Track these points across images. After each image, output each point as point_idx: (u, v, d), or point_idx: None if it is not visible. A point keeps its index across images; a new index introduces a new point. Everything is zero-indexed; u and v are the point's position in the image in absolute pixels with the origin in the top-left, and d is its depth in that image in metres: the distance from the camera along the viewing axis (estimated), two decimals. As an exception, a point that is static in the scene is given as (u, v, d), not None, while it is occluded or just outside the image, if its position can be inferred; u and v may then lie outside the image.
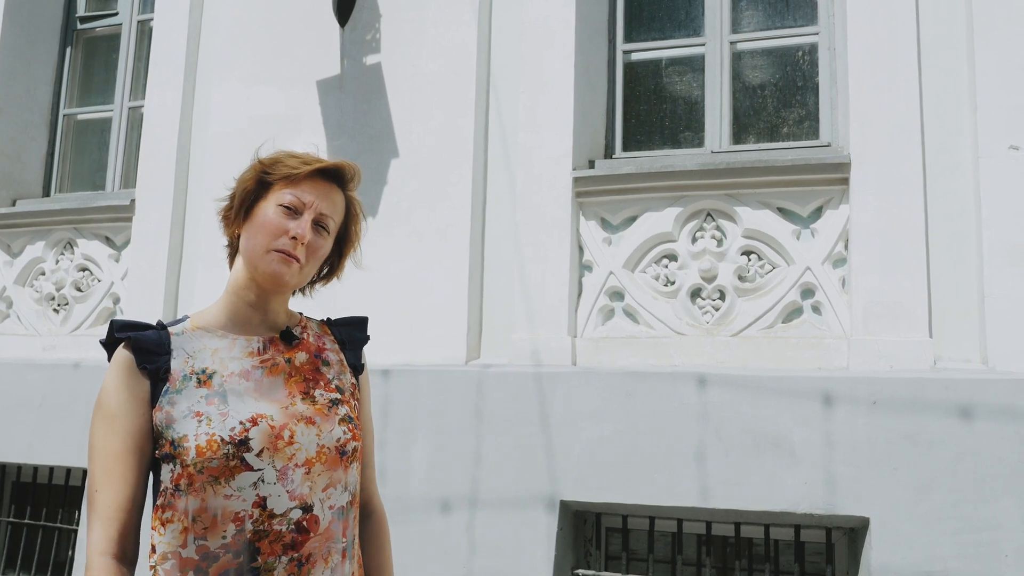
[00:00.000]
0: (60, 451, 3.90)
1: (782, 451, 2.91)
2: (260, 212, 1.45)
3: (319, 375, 1.50)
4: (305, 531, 1.37)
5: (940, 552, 2.70)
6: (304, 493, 1.37)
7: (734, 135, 3.53)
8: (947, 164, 3.04)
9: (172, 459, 1.34)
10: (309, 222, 1.43)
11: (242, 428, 1.34)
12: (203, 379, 1.39)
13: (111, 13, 4.78)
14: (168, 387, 1.37)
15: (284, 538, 1.34)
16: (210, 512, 1.32)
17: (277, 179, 1.44)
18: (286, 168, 1.44)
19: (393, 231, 3.62)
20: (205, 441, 1.32)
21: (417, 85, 3.69)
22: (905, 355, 2.93)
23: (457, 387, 3.32)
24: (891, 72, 3.10)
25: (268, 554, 1.33)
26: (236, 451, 1.32)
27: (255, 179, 1.46)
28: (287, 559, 1.34)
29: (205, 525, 1.32)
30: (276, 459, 1.35)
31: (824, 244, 3.16)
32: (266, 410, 1.39)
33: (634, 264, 3.39)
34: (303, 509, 1.37)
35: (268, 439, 1.35)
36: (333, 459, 1.42)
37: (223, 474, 1.32)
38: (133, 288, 4.09)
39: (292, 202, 1.43)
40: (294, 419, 1.40)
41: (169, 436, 1.34)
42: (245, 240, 1.46)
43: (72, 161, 4.81)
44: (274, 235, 1.42)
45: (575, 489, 3.11)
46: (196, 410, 1.35)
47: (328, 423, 1.44)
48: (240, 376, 1.42)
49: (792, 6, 3.56)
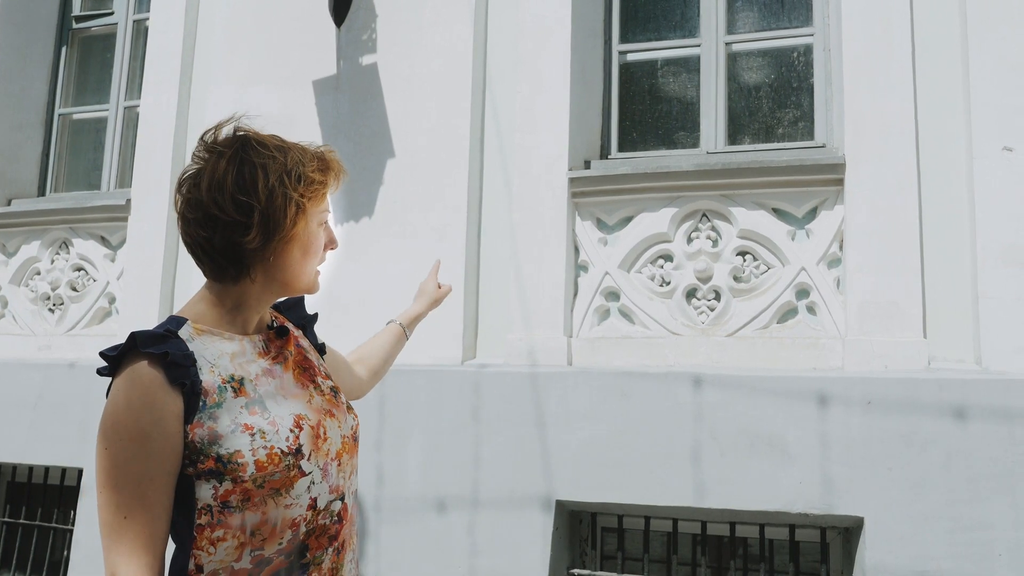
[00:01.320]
0: (55, 451, 3.90)
1: (777, 451, 2.92)
2: (303, 234, 1.37)
3: (309, 363, 1.49)
4: (340, 520, 1.39)
5: (934, 551, 2.71)
6: (340, 484, 1.39)
7: (729, 136, 3.54)
8: (941, 165, 3.05)
9: (218, 475, 1.26)
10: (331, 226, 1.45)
11: (294, 436, 1.32)
12: (237, 387, 1.32)
13: (107, 12, 4.77)
14: (205, 401, 1.27)
15: (329, 531, 1.36)
16: (270, 524, 1.29)
17: (311, 199, 1.38)
18: (319, 187, 1.39)
19: (389, 231, 3.62)
20: (265, 456, 1.27)
21: (413, 85, 3.69)
22: (899, 355, 2.94)
23: (453, 387, 3.32)
24: (886, 73, 3.11)
25: (316, 548, 1.34)
26: (295, 460, 1.30)
27: (295, 203, 1.34)
28: (331, 550, 1.37)
29: (264, 537, 1.29)
30: (319, 458, 1.35)
31: (819, 245, 3.17)
32: (300, 410, 1.37)
33: (630, 264, 3.39)
34: (340, 499, 1.39)
35: (312, 440, 1.35)
36: (352, 447, 1.45)
37: (284, 485, 1.29)
38: (129, 288, 4.09)
39: (327, 217, 1.43)
40: (321, 414, 1.40)
41: (214, 452, 1.26)
42: (283, 260, 1.37)
43: (68, 160, 4.81)
44: (320, 252, 1.43)
45: (571, 489, 3.12)
46: (243, 423, 1.29)
47: (341, 413, 1.45)
48: (265, 376, 1.37)
49: (787, 7, 3.57)
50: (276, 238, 1.33)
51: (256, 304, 1.40)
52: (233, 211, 1.29)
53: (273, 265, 1.36)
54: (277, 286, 1.39)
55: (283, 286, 1.40)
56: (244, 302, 1.39)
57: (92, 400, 3.80)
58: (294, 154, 1.37)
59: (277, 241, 1.33)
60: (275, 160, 1.34)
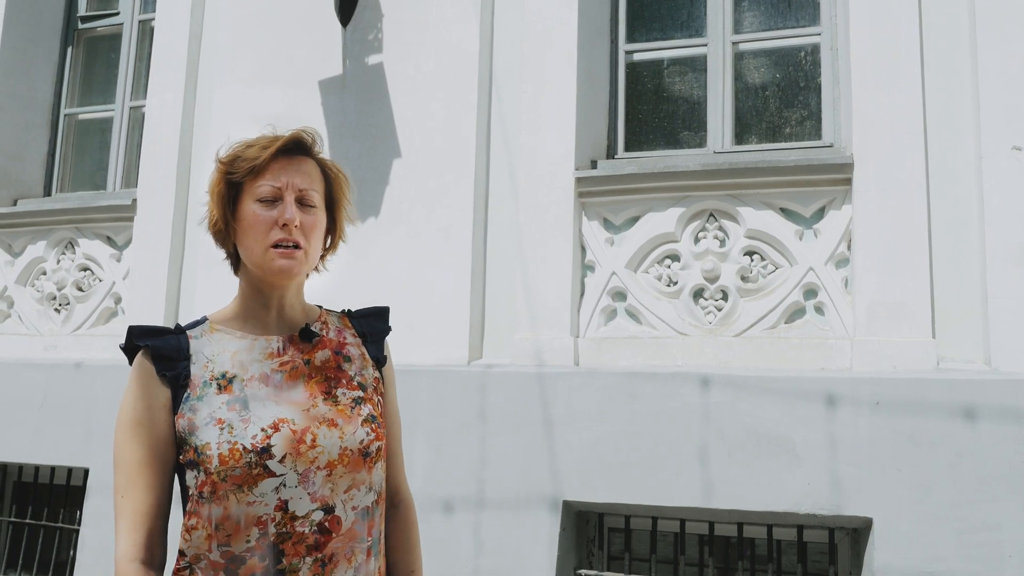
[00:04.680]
0: (61, 451, 3.90)
1: (785, 451, 2.91)
2: (243, 214, 1.41)
3: (341, 373, 1.48)
4: (327, 532, 1.36)
5: (943, 553, 2.70)
6: (325, 495, 1.37)
7: (736, 135, 3.53)
8: (950, 164, 3.03)
9: (196, 466, 1.34)
10: (292, 204, 1.41)
11: (264, 435, 1.33)
12: (223, 384, 1.38)
13: (112, 13, 4.77)
14: (189, 394, 1.37)
15: (307, 539, 1.34)
16: (233, 519, 1.32)
17: (244, 175, 1.40)
18: (247, 162, 1.40)
19: (395, 230, 3.61)
20: (228, 450, 1.31)
21: (419, 85, 3.69)
22: (908, 356, 2.92)
23: (459, 387, 3.31)
24: (893, 72, 3.09)
25: (292, 555, 1.33)
26: (258, 459, 1.32)
27: (222, 182, 1.42)
28: (311, 560, 1.34)
29: (228, 532, 1.32)
30: (298, 463, 1.34)
31: (827, 244, 3.16)
32: (287, 414, 1.37)
33: (636, 264, 3.38)
34: (325, 510, 1.36)
35: (290, 444, 1.34)
36: (356, 461, 1.41)
37: (246, 482, 1.31)
38: (134, 288, 4.09)
39: (268, 192, 1.40)
40: (316, 422, 1.39)
41: (192, 443, 1.34)
42: (242, 246, 1.44)
43: (73, 161, 4.81)
44: (265, 231, 1.40)
45: (578, 489, 3.11)
46: (218, 417, 1.35)
47: (351, 425, 1.42)
48: (260, 380, 1.40)
49: (794, 6, 3.56)
50: (228, 218, 1.43)
51: (257, 295, 1.46)
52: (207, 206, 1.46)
53: (240, 252, 1.45)
54: (253, 272, 1.45)
55: (254, 269, 1.44)
56: (249, 293, 1.47)
57: (98, 400, 3.81)
58: (244, 140, 1.46)
59: (231, 222, 1.43)
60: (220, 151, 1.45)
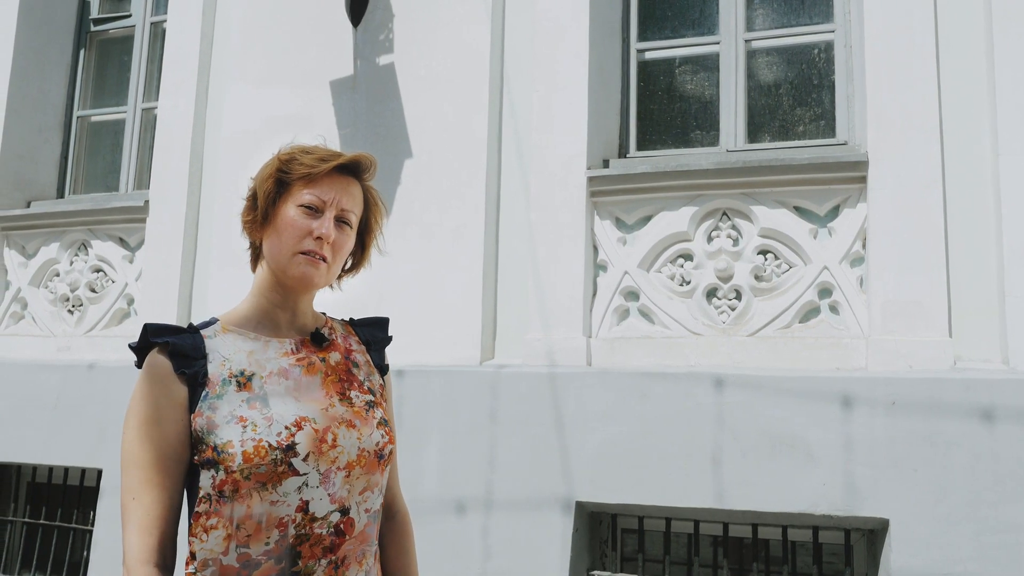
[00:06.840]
0: (75, 452, 3.91)
1: (799, 452, 2.88)
2: (282, 215, 1.42)
3: (352, 376, 1.50)
4: (342, 534, 1.37)
5: (960, 554, 2.67)
6: (343, 496, 1.37)
7: (749, 134, 3.51)
8: (966, 161, 3.01)
9: (215, 465, 1.31)
10: (332, 220, 1.42)
11: (288, 433, 1.33)
12: (243, 382, 1.37)
13: (124, 15, 4.79)
14: (208, 392, 1.35)
15: (324, 541, 1.35)
16: (255, 519, 1.31)
17: (296, 179, 1.42)
18: (304, 168, 1.42)
19: (406, 231, 3.61)
20: (252, 447, 1.30)
21: (430, 85, 3.69)
22: (924, 355, 2.90)
23: (471, 388, 3.31)
24: (908, 69, 3.07)
25: (309, 557, 1.33)
26: (284, 456, 1.31)
27: (274, 179, 1.43)
28: (326, 562, 1.35)
29: (248, 532, 1.31)
30: (320, 463, 1.35)
31: (841, 243, 3.13)
32: (308, 412, 1.38)
33: (649, 264, 3.37)
34: (341, 512, 1.37)
35: (313, 443, 1.35)
36: (371, 463, 1.42)
37: (270, 480, 1.31)
38: (147, 289, 4.10)
39: (313, 202, 1.42)
40: (335, 422, 1.39)
41: (211, 442, 1.32)
42: (269, 244, 1.44)
43: (86, 162, 4.83)
44: (299, 237, 1.41)
45: (590, 490, 3.09)
46: (239, 415, 1.34)
47: (367, 427, 1.43)
48: (279, 375, 1.41)
49: (808, 3, 3.53)
50: (265, 216, 1.43)
51: (273, 295, 1.46)
52: (248, 193, 1.48)
53: (265, 248, 1.45)
54: (273, 272, 1.45)
55: (275, 272, 1.44)
56: (265, 291, 1.47)
57: (111, 401, 3.82)
58: (304, 145, 1.47)
59: (267, 221, 1.43)
60: (282, 149, 1.46)
